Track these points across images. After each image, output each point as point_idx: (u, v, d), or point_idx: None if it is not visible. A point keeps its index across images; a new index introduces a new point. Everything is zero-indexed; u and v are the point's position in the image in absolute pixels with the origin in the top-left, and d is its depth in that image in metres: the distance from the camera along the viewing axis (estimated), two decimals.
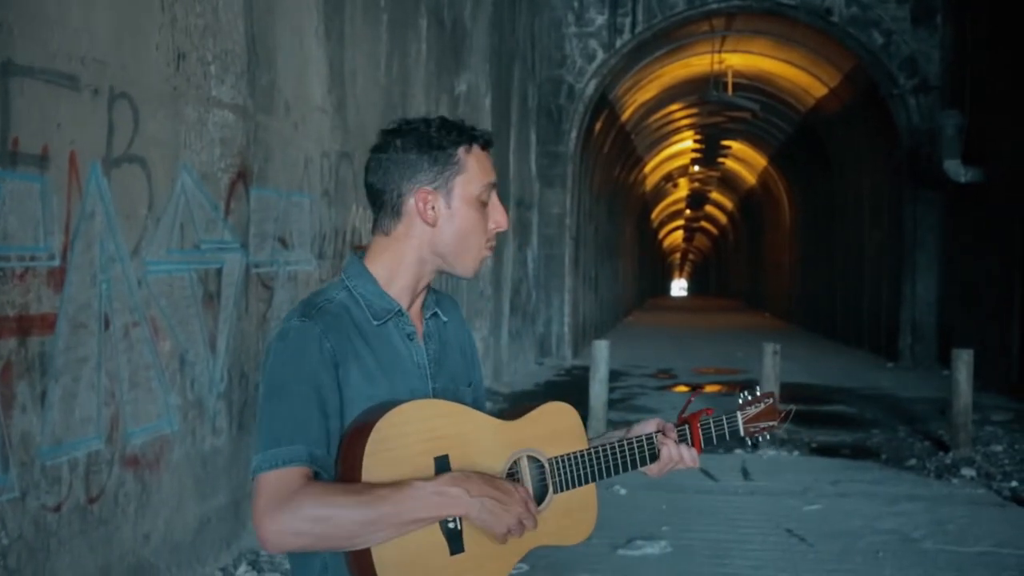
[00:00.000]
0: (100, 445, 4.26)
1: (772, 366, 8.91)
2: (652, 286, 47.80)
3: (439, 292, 1.97)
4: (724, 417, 2.08)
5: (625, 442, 1.96)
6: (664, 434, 1.99)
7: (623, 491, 7.07)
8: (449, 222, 1.82)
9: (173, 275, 4.86)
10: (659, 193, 37.87)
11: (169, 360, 4.82)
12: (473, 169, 1.82)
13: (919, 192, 16.11)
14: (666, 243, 58.05)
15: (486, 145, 1.85)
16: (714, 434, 2.06)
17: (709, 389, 12.96)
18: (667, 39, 17.71)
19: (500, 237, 12.87)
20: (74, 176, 4.06)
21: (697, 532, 6.17)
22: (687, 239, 63.52)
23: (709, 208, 46.57)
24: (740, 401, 2.13)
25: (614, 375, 13.59)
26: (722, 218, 47.59)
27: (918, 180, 15.98)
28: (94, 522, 4.22)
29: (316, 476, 1.68)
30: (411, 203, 1.81)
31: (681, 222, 53.54)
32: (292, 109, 6.22)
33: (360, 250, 1.91)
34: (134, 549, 4.53)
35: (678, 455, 1.98)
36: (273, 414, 1.69)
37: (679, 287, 76.76)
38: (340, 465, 1.70)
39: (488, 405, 2.13)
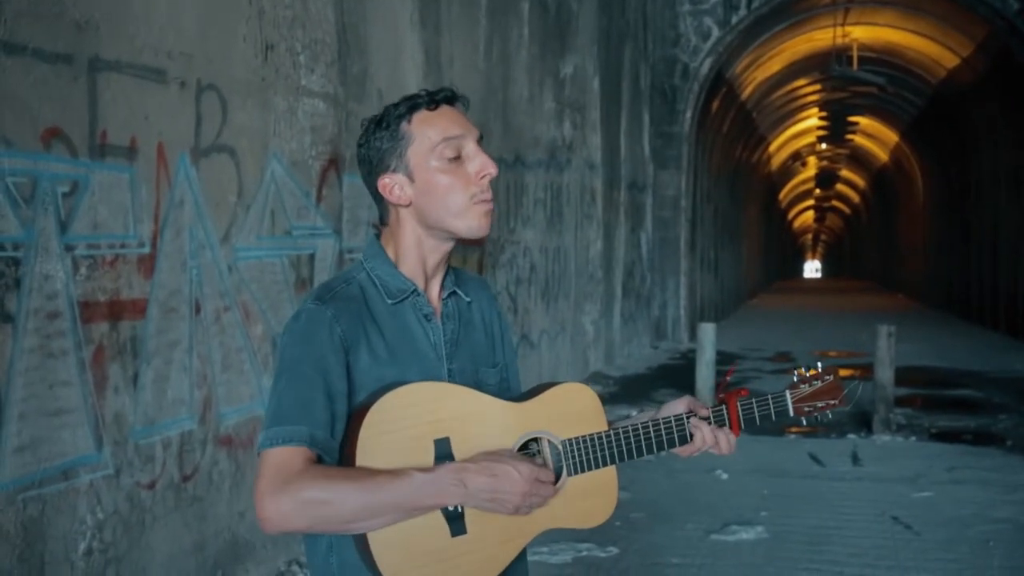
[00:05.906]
0: (193, 425, 4.43)
1: (887, 348, 8.60)
2: (781, 268, 46.69)
3: (462, 271, 1.94)
4: (770, 396, 1.94)
5: (651, 423, 1.88)
6: (695, 414, 1.89)
7: (724, 475, 6.95)
8: (423, 195, 1.78)
9: (264, 261, 5.00)
10: (786, 172, 36.93)
11: (261, 343, 4.96)
12: (422, 133, 1.77)
13: None
14: (796, 224, 56.58)
15: (437, 103, 1.78)
16: (757, 414, 1.92)
17: None
18: (786, 13, 17.22)
19: (610, 217, 12.80)
20: (162, 166, 4.22)
21: (797, 518, 6.02)
22: (818, 219, 61.78)
23: (839, 187, 45.18)
24: (795, 378, 1.98)
25: (729, 358, 13.35)
26: (854, 197, 46.12)
27: None
28: (188, 499, 4.38)
29: (319, 459, 1.68)
30: (381, 193, 1.80)
31: (811, 202, 52.09)
32: (385, 97, 6.30)
33: (377, 229, 1.88)
34: (230, 526, 4.69)
35: (712, 439, 1.88)
36: (280, 394, 1.70)
37: (812, 268, 74.70)
38: (343, 448, 1.70)
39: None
